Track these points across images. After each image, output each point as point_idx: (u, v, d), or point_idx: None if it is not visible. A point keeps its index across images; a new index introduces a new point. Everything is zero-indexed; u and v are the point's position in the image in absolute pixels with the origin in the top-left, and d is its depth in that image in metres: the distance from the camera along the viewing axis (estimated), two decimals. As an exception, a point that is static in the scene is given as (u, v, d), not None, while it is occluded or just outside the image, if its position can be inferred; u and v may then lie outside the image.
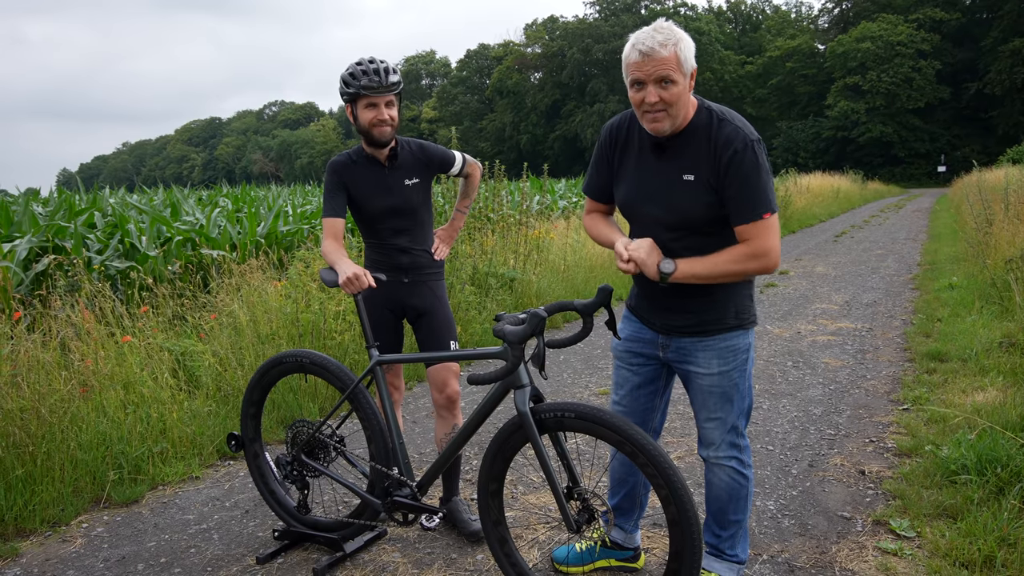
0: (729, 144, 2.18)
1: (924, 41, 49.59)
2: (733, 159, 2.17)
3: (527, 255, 8.14)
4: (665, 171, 2.30)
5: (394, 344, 3.18)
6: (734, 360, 2.40)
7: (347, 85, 2.89)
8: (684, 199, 2.27)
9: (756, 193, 2.18)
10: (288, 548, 3.07)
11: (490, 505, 2.53)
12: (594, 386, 5.33)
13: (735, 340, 2.40)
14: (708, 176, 2.22)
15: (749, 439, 4.15)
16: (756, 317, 2.47)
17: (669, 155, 2.29)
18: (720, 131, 2.21)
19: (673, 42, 2.14)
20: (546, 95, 70.61)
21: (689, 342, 2.42)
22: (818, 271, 10.73)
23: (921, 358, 5.61)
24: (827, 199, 24.32)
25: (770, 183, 2.21)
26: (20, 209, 7.67)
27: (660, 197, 2.31)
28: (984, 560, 2.71)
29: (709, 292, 2.35)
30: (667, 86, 2.15)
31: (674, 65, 2.14)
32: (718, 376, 2.40)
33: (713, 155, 2.20)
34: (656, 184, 2.32)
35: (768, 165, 2.23)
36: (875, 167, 48.52)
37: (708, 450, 2.51)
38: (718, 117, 2.25)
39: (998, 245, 8.33)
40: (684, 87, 2.18)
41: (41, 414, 3.60)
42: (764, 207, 2.18)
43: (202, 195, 15.80)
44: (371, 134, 2.93)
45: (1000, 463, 3.27)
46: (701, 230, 2.28)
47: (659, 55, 2.13)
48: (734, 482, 2.50)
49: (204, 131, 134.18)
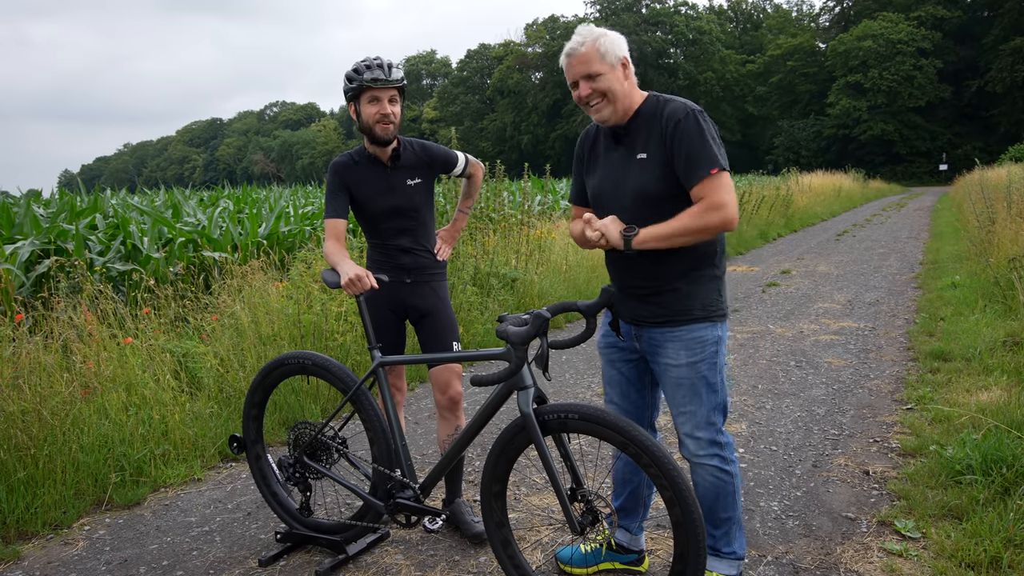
0: (674, 115, 2.34)
1: (925, 39, 49.58)
2: (678, 127, 2.31)
3: (529, 255, 8.13)
4: (623, 156, 2.45)
5: (396, 345, 3.17)
6: (702, 352, 2.43)
7: (351, 80, 2.90)
8: (638, 177, 2.39)
9: (702, 153, 2.28)
10: (290, 550, 3.06)
11: (493, 507, 2.52)
12: (596, 387, 5.32)
13: (702, 332, 2.43)
14: (658, 150, 2.36)
15: (752, 439, 4.16)
16: (726, 311, 2.51)
17: (625, 141, 2.45)
18: (666, 108, 2.37)
19: (592, 39, 2.35)
20: (547, 95, 70.62)
21: (658, 333, 2.46)
22: (820, 270, 10.71)
23: (924, 357, 5.59)
24: (829, 198, 24.30)
25: (717, 146, 2.31)
26: (22, 211, 7.67)
27: (619, 180, 2.44)
28: (990, 561, 2.69)
29: (674, 284, 2.41)
30: (594, 78, 2.35)
31: (594, 58, 2.34)
32: (686, 367, 2.43)
33: (661, 130, 2.35)
34: (615, 170, 2.47)
35: (715, 133, 2.35)
36: (876, 165, 48.53)
37: (687, 449, 2.52)
38: (664, 99, 2.42)
39: (1001, 243, 8.31)
40: (613, 76, 2.36)
41: (43, 416, 3.59)
42: (711, 164, 2.27)
43: (203, 196, 15.80)
44: (373, 131, 2.92)
45: (1006, 463, 3.25)
46: (661, 209, 2.34)
47: (578, 53, 2.36)
48: (718, 480, 2.50)
49: (205, 132, 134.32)
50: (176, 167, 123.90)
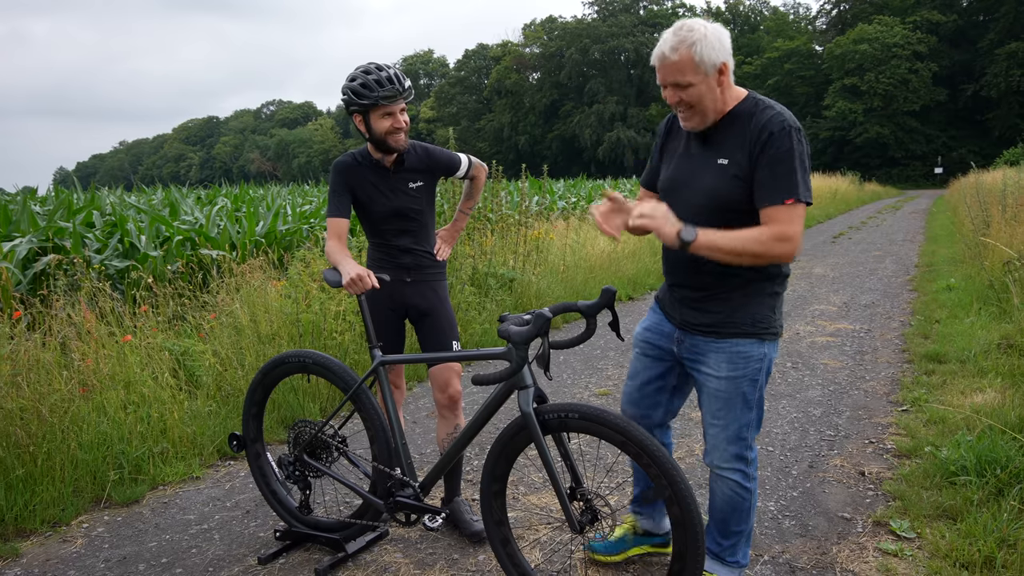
0: (767, 127, 2.19)
1: (921, 43, 49.71)
2: (771, 139, 2.17)
3: (526, 255, 8.14)
4: (704, 158, 2.33)
5: (396, 344, 3.19)
6: (745, 367, 2.36)
7: (360, 96, 2.81)
8: (712, 180, 2.28)
9: (784, 176, 2.15)
10: (290, 548, 3.07)
11: (493, 505, 2.53)
12: (594, 386, 5.34)
13: (748, 347, 2.36)
14: (742, 158, 2.22)
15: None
16: (780, 330, 2.43)
17: (710, 143, 2.32)
18: (761, 115, 2.22)
19: (687, 44, 2.15)
20: (544, 95, 70.65)
21: (703, 341, 2.42)
22: (816, 272, 10.75)
23: (920, 359, 5.63)
24: (825, 200, 24.34)
25: (803, 172, 2.18)
26: (19, 208, 7.66)
27: (692, 181, 2.34)
28: (984, 561, 2.72)
29: (728, 295, 2.35)
30: (684, 88, 2.19)
31: (687, 68, 2.16)
32: (726, 380, 2.38)
33: (750, 139, 2.21)
34: (692, 169, 2.36)
35: (806, 156, 2.21)
36: (872, 168, 48.62)
37: (711, 457, 2.50)
38: (763, 104, 2.26)
39: (995, 247, 8.35)
40: (706, 86, 2.19)
41: (41, 414, 3.59)
42: (790, 192, 2.14)
43: (201, 194, 15.78)
44: (387, 143, 2.90)
45: (1000, 464, 3.28)
46: (727, 216, 2.25)
47: (669, 60, 2.18)
48: (736, 495, 2.48)
49: (202, 130, 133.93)
50: (172, 165, 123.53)
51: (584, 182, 25.11)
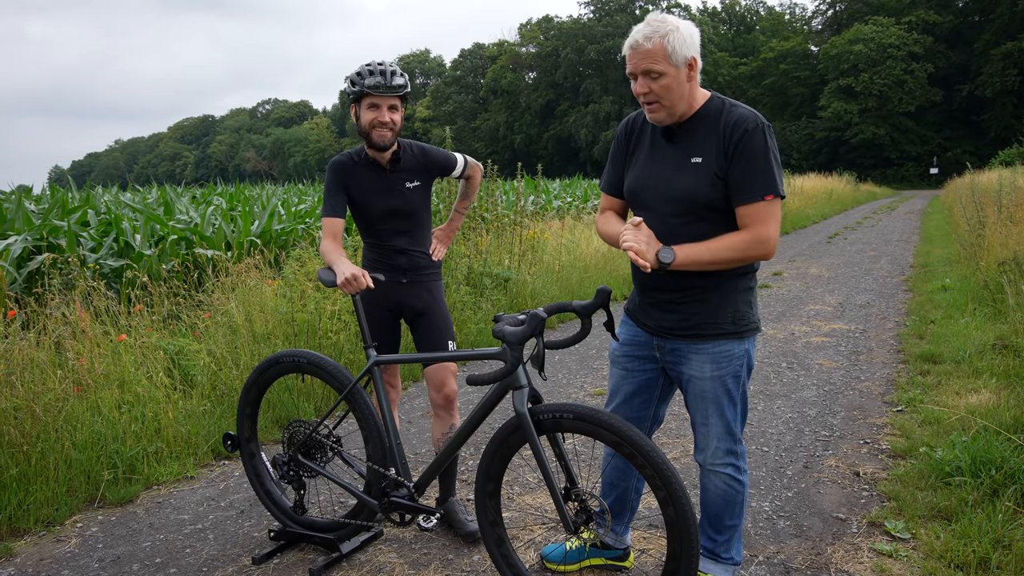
0: (740, 125, 2.21)
1: (916, 43, 49.86)
2: (743, 138, 2.19)
3: (522, 255, 8.14)
4: (674, 156, 2.32)
5: (391, 344, 3.18)
6: (728, 366, 2.38)
7: (353, 84, 2.91)
8: (688, 180, 2.27)
9: (761, 173, 2.19)
10: (284, 548, 3.06)
11: (487, 506, 2.53)
12: (589, 387, 5.34)
13: (730, 346, 2.38)
14: (716, 158, 2.23)
15: (744, 440, 4.18)
16: (758, 324, 2.45)
17: (678, 140, 2.32)
18: (731, 114, 2.24)
19: (660, 34, 2.16)
20: (540, 95, 70.64)
21: (684, 344, 2.42)
22: (812, 272, 10.77)
23: (914, 360, 5.64)
24: (820, 200, 24.41)
25: (777, 168, 2.21)
26: (13, 207, 7.63)
27: (665, 180, 2.32)
28: (979, 562, 2.72)
29: (704, 296, 2.35)
30: (655, 78, 2.19)
31: (659, 57, 2.17)
32: (711, 380, 2.39)
33: (723, 137, 2.22)
34: (663, 168, 2.34)
35: (777, 152, 2.24)
36: (867, 168, 48.76)
37: (703, 455, 2.50)
38: (730, 103, 2.28)
39: (991, 247, 8.38)
40: (676, 78, 2.20)
41: (35, 413, 3.58)
42: (767, 188, 2.18)
43: (196, 194, 15.75)
44: (370, 136, 2.93)
45: (994, 465, 3.29)
46: (704, 215, 2.27)
47: (643, 48, 2.18)
48: (730, 489, 2.49)
49: (197, 129, 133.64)
50: (167, 164, 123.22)
51: (580, 182, 25.12)
